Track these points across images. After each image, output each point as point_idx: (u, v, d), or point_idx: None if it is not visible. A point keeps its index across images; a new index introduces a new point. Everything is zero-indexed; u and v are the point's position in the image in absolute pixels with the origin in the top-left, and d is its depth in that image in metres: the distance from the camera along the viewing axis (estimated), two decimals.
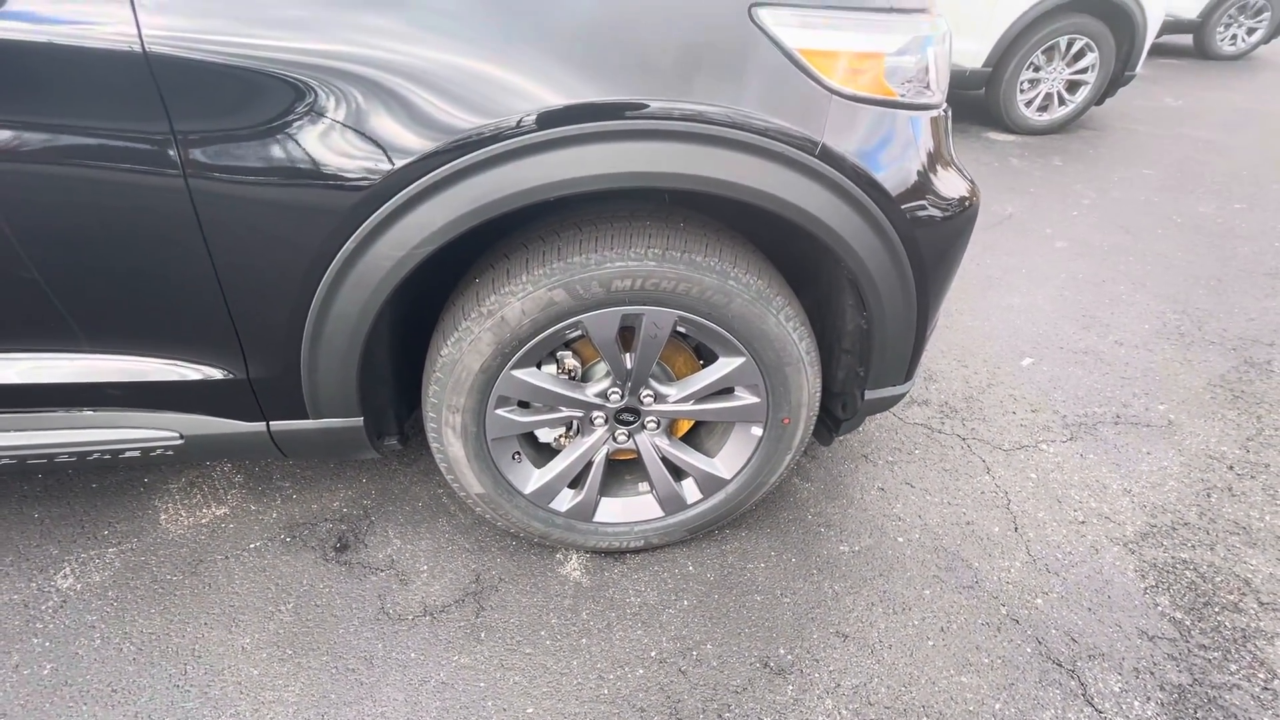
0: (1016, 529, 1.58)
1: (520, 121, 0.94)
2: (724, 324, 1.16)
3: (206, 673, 1.25)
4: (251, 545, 1.51)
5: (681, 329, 1.19)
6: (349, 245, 1.00)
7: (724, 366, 1.25)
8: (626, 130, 0.97)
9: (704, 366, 1.32)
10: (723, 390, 1.29)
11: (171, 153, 0.91)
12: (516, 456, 1.35)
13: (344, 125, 0.93)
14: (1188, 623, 1.37)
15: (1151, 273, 2.74)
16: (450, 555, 1.50)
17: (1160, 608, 1.40)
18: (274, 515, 1.59)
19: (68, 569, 1.44)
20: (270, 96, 0.91)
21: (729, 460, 1.40)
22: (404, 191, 0.97)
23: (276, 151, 0.94)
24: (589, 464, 1.37)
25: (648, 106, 0.96)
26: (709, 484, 1.41)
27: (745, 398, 1.29)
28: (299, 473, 1.71)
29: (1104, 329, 2.36)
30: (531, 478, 1.36)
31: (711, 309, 1.14)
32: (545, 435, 1.42)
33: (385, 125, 0.93)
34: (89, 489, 1.65)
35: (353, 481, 1.68)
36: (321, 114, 0.92)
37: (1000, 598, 1.41)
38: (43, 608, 1.36)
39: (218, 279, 1.02)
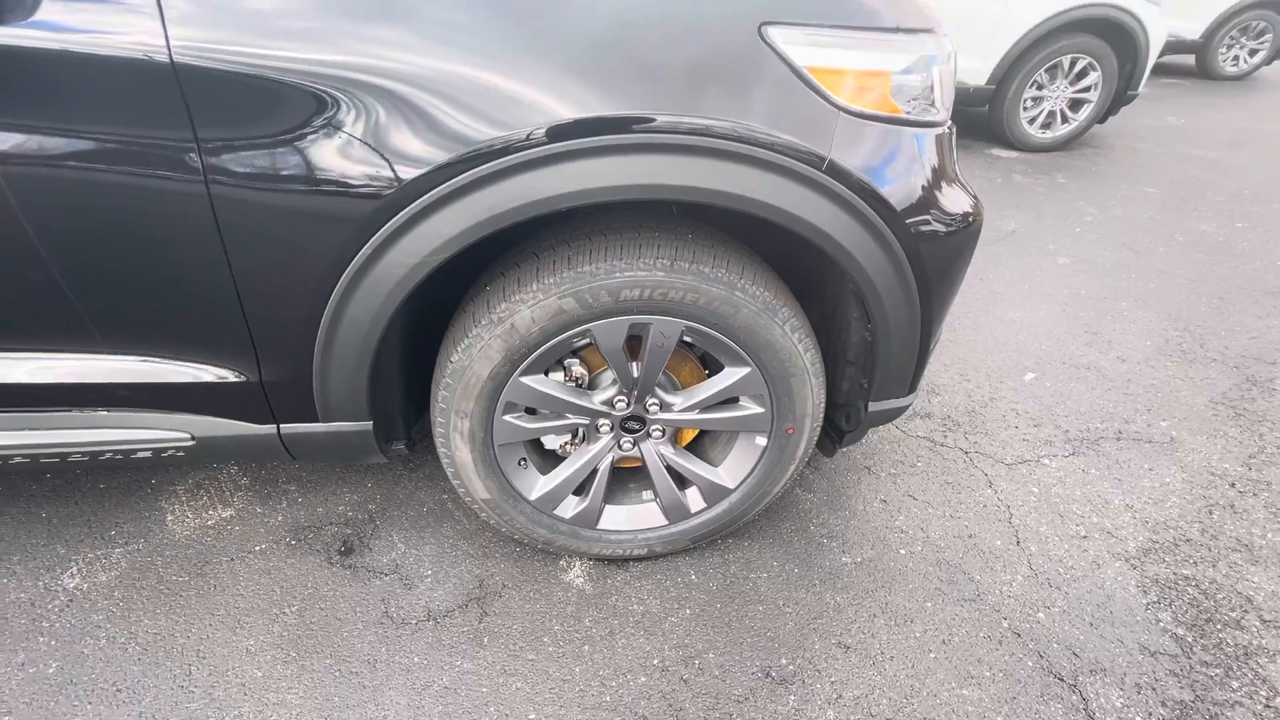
0: (1018, 543, 1.58)
1: (531, 135, 0.96)
2: (730, 334, 1.18)
3: (211, 674, 1.25)
4: (257, 548, 1.52)
5: (688, 338, 1.21)
6: (364, 252, 1.02)
7: (729, 376, 1.26)
8: (635, 144, 0.99)
9: (709, 376, 1.34)
10: (728, 400, 1.31)
11: (194, 159, 0.93)
12: (522, 463, 1.36)
13: (361, 135, 0.95)
14: (1189, 639, 1.37)
15: (1154, 290, 2.76)
16: (454, 560, 1.50)
17: (1162, 623, 1.40)
18: (279, 518, 1.60)
19: (74, 569, 1.45)
20: (290, 106, 0.93)
21: (733, 469, 1.41)
22: (419, 200, 0.99)
23: (295, 159, 0.96)
24: (594, 471, 1.38)
25: (655, 120, 0.98)
26: (713, 493, 1.42)
27: (750, 407, 1.30)
28: (305, 476, 1.72)
29: (1106, 345, 2.37)
30: (537, 484, 1.37)
31: (718, 319, 1.16)
32: (551, 442, 1.43)
33: (402, 136, 0.95)
34: (96, 490, 1.66)
35: (358, 486, 1.70)
36: (339, 124, 0.94)
37: (1002, 611, 1.42)
38: (49, 607, 1.37)
39: (234, 283, 1.04)
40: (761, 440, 1.36)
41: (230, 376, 1.15)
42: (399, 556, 1.51)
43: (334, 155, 0.96)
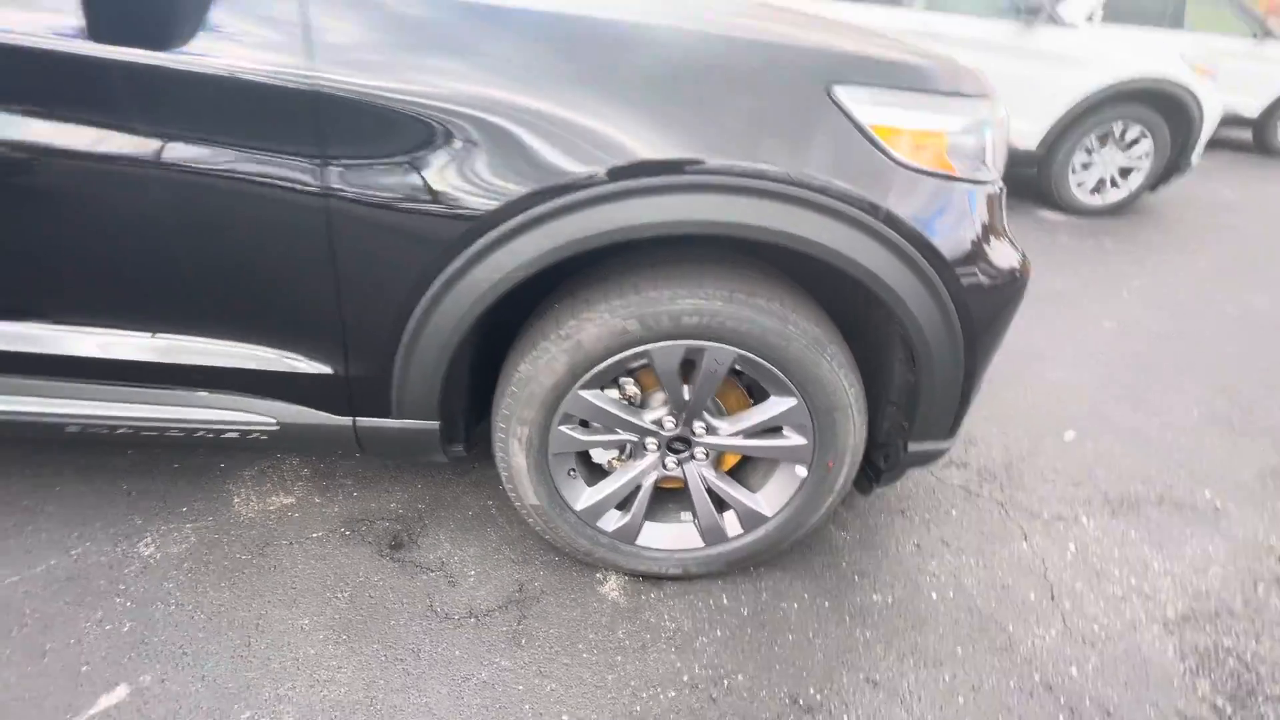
0: (1053, 598, 1.58)
1: (609, 171, 1.07)
2: (780, 365, 1.25)
3: (268, 646, 1.34)
4: (314, 534, 1.61)
5: (738, 367, 1.28)
6: (454, 266, 1.13)
7: (776, 406, 1.32)
8: (709, 184, 1.10)
9: (754, 404, 1.40)
10: (771, 429, 1.37)
11: (319, 176, 1.06)
12: (571, 473, 1.43)
13: (461, 163, 1.07)
14: (1229, 710, 1.34)
15: (1201, 359, 2.73)
16: (496, 564, 1.57)
17: (1200, 692, 1.38)
18: (336, 509, 1.69)
19: (149, 539, 1.57)
20: (404, 133, 1.06)
21: (772, 497, 1.46)
22: (506, 224, 1.10)
23: (403, 181, 1.08)
24: (637, 488, 1.44)
25: (731, 165, 1.08)
26: (750, 519, 1.47)
27: (793, 438, 1.36)
28: (360, 472, 1.82)
29: (1150, 410, 2.36)
30: (583, 495, 1.44)
31: (770, 350, 1.23)
32: (600, 456, 1.50)
33: (496, 167, 1.07)
34: (171, 469, 1.79)
35: (409, 485, 1.79)
36: (446, 151, 1.07)
37: (1034, 663, 1.41)
38: (126, 571, 1.48)
39: (337, 286, 1.16)
40: (802, 471, 1.41)
41: (321, 369, 1.26)
42: (444, 555, 1.58)
43: (436, 178, 1.08)
